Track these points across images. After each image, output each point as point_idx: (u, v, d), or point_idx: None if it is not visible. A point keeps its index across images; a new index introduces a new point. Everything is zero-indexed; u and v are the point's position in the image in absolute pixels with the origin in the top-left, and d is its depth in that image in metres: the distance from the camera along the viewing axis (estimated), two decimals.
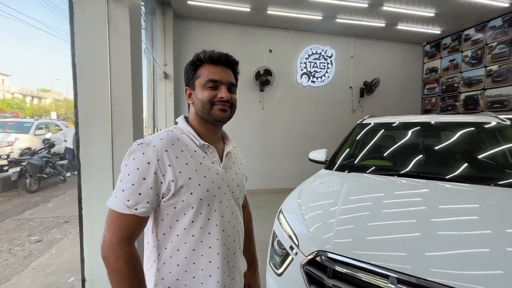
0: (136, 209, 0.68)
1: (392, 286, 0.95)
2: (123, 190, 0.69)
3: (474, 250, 1.00)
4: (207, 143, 0.79)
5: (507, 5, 4.47)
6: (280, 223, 1.52)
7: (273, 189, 5.52)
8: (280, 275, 1.34)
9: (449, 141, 2.17)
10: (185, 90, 0.84)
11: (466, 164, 1.92)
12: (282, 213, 1.57)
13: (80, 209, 1.74)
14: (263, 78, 5.25)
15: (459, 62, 5.74)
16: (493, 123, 2.11)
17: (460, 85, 5.74)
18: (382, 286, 0.97)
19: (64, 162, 7.70)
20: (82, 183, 1.73)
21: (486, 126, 2.14)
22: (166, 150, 0.72)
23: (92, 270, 1.81)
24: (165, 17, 4.51)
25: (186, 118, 0.85)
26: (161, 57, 4.47)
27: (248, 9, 4.65)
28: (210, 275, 0.76)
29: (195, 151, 0.77)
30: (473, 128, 2.16)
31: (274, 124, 5.63)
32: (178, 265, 0.74)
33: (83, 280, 1.81)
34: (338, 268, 1.08)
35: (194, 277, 0.75)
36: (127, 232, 0.69)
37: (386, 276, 0.97)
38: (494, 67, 5.05)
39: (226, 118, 0.80)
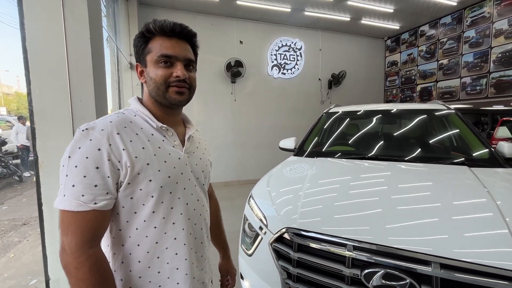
0: (95, 203, 0.58)
1: (350, 253, 1.05)
2: (73, 186, 0.58)
3: (426, 220, 1.13)
4: (165, 126, 0.71)
5: (455, 4, 4.92)
6: (251, 208, 1.57)
7: (246, 180, 5.58)
8: (251, 255, 1.40)
9: (405, 126, 2.38)
10: (135, 67, 0.73)
11: (419, 146, 2.13)
12: (253, 198, 1.62)
13: (40, 204, 1.64)
14: (234, 70, 5.23)
15: (415, 56, 6.22)
16: (442, 110, 2.35)
17: (416, 77, 6.23)
18: (341, 253, 1.07)
19: (19, 161, 7.05)
20: (41, 178, 1.63)
21: (435, 113, 2.37)
22: (118, 133, 0.62)
23: (56, 269, 1.72)
24: (128, 4, 4.27)
25: (140, 100, 0.75)
26: (126, 47, 4.24)
27: None
28: (177, 268, 0.69)
29: (152, 134, 0.68)
30: (425, 115, 2.39)
31: (247, 116, 5.67)
32: (139, 261, 0.66)
33: (47, 281, 1.72)
34: (302, 242, 1.16)
35: (159, 272, 0.67)
36: (88, 233, 0.58)
37: (344, 245, 1.07)
38: (445, 61, 5.56)
39: (183, 101, 0.71)
